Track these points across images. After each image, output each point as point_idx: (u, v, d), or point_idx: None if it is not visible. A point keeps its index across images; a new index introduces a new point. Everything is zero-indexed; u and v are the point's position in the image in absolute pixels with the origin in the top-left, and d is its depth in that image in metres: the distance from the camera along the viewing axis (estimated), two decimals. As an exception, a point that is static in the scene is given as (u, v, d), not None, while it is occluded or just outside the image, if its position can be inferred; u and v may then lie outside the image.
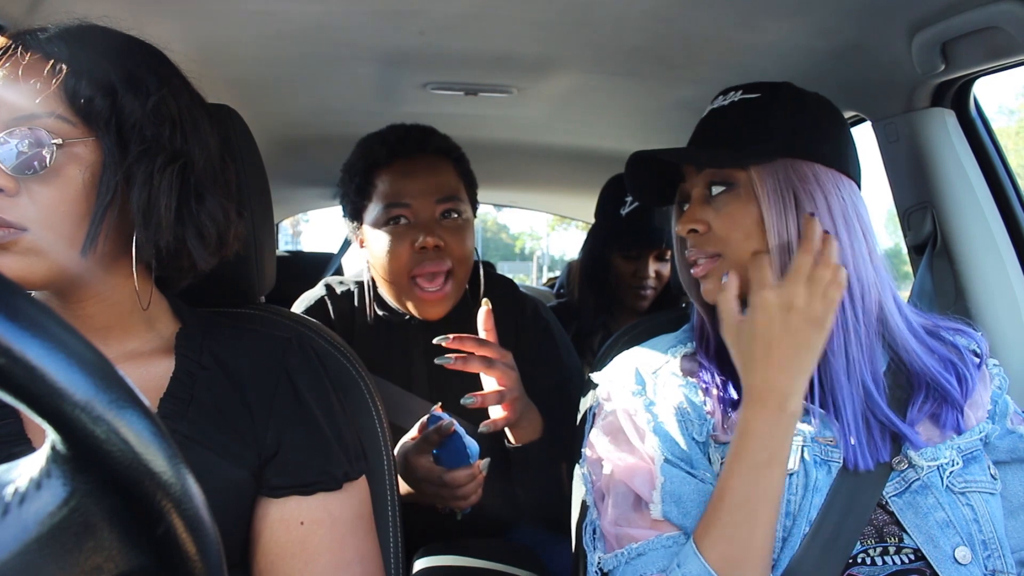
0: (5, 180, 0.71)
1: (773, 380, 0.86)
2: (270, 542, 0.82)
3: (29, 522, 0.34)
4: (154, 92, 0.79)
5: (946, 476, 0.89)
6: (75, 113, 0.75)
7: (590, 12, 1.24)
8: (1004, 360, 1.12)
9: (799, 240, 0.90)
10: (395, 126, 1.49)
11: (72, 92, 0.75)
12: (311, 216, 26.13)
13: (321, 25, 1.31)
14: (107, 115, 0.75)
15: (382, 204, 1.42)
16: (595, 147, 2.27)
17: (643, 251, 1.94)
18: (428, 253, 1.38)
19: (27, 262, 0.73)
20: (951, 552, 0.86)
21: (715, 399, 0.94)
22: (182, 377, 0.83)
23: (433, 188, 1.42)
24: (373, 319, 1.48)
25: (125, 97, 0.77)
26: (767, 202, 0.92)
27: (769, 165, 0.93)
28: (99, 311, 0.82)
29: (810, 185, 0.92)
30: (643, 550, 0.86)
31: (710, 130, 1.01)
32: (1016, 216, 1.36)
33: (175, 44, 0.85)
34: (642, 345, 1.05)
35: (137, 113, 0.77)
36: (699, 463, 0.90)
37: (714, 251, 0.95)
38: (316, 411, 0.87)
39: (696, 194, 0.98)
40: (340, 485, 0.85)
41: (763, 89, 0.98)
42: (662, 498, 0.87)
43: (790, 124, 0.95)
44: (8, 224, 0.71)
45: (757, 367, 0.87)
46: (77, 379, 0.33)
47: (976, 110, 1.38)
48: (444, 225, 1.41)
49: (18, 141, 0.72)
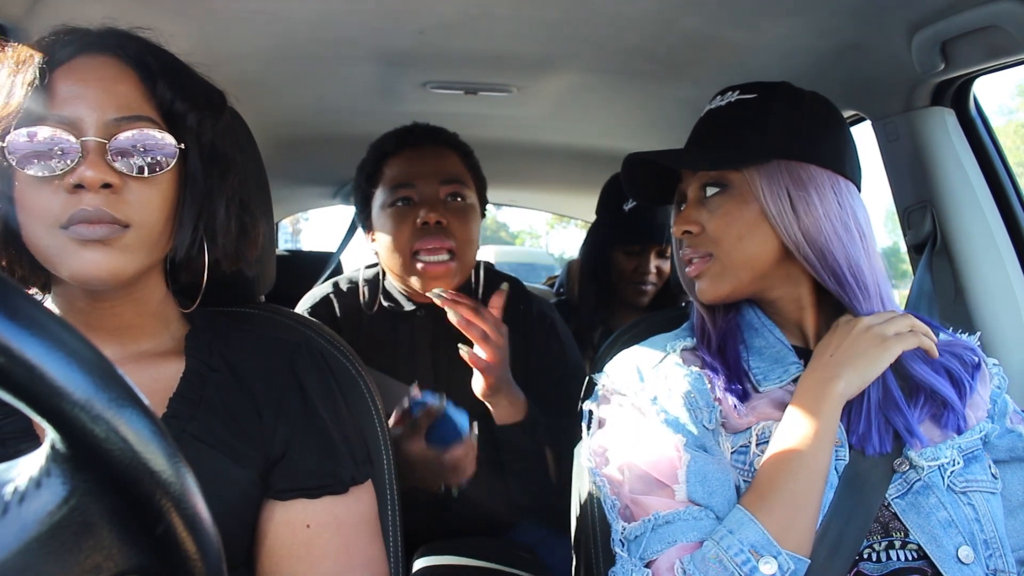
0: (114, 176, 0.73)
1: (835, 366, 0.90)
2: (275, 544, 0.82)
3: (29, 521, 0.34)
4: (222, 112, 0.85)
5: (947, 476, 0.90)
6: (165, 121, 0.79)
7: (590, 12, 1.24)
8: (1003, 359, 1.12)
9: (815, 238, 0.92)
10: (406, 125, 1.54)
11: (169, 104, 0.79)
12: (311, 215, 26.14)
13: (321, 24, 1.31)
14: (195, 129, 0.80)
15: (389, 187, 1.46)
16: (595, 146, 2.27)
17: (645, 246, 1.94)
18: (430, 229, 1.40)
19: (125, 258, 0.75)
20: (954, 552, 0.86)
21: (722, 388, 0.94)
22: (192, 378, 0.84)
23: (438, 171, 1.45)
24: (379, 312, 1.49)
25: (206, 114, 0.82)
26: (767, 204, 0.92)
27: (764, 167, 0.93)
28: (127, 310, 0.83)
29: (804, 187, 0.93)
30: (671, 519, 0.85)
31: (706, 131, 1.01)
32: (1016, 215, 1.36)
33: (175, 43, 0.85)
34: (641, 344, 1.05)
35: (211, 131, 0.83)
36: (712, 448, 0.90)
37: (706, 251, 0.96)
38: (324, 414, 0.87)
39: (692, 195, 0.99)
40: (347, 489, 0.85)
41: (760, 89, 0.98)
42: (687, 477, 0.87)
43: (786, 125, 0.95)
44: (115, 220, 0.73)
45: (826, 352, 0.91)
46: (76, 378, 0.33)
47: (976, 109, 1.38)
48: (449, 206, 1.44)
49: (139, 141, 0.75)
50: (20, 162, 0.72)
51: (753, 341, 0.99)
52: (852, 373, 0.88)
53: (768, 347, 0.98)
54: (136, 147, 0.75)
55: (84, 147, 0.73)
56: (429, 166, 1.45)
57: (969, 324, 1.32)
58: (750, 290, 0.98)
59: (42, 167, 0.72)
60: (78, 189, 0.72)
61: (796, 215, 0.92)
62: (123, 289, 0.80)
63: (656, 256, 1.95)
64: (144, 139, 0.75)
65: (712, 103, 1.02)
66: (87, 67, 0.76)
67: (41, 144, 0.72)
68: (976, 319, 1.32)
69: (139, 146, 0.75)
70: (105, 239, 0.73)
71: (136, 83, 0.78)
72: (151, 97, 0.78)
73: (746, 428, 0.91)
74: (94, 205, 0.72)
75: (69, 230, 0.72)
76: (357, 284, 1.54)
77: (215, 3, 1.21)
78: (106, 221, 0.73)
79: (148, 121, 0.76)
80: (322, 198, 3.11)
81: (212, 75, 0.87)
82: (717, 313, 1.01)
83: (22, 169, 0.72)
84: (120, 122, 0.75)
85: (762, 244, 0.94)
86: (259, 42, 1.38)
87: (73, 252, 0.73)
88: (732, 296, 0.98)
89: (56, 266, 0.75)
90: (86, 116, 0.74)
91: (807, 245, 0.92)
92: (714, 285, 0.97)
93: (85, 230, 0.72)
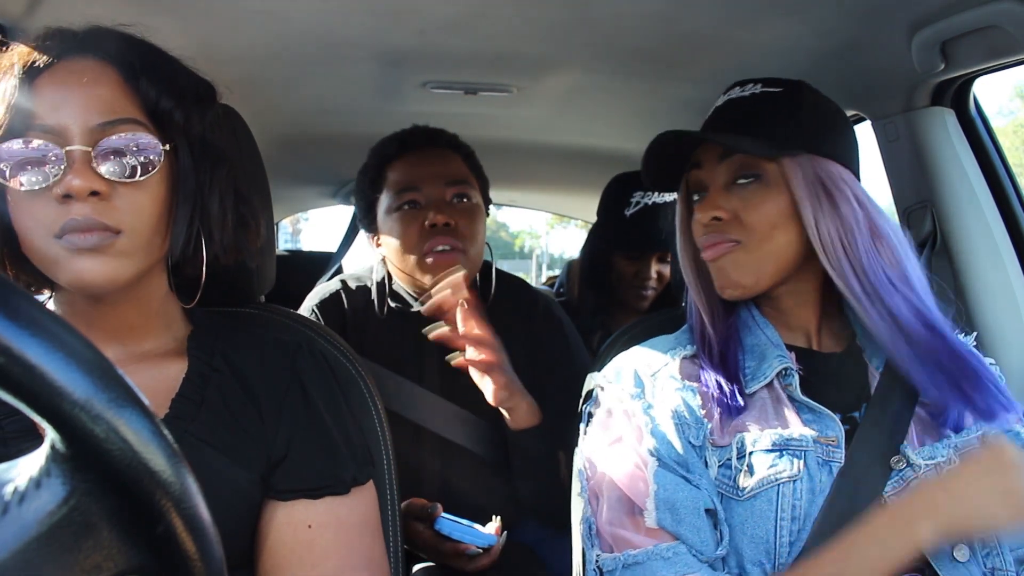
0: (101, 184, 0.73)
1: (938, 507, 0.81)
2: (277, 544, 0.82)
3: (28, 521, 0.34)
4: (211, 105, 0.84)
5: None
6: (151, 121, 0.78)
7: (590, 11, 1.24)
8: (1003, 359, 1.12)
9: (841, 235, 0.90)
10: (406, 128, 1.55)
11: (154, 103, 0.78)
12: (311, 215, 26.15)
13: (321, 24, 1.31)
14: (183, 125, 0.79)
15: (394, 191, 1.47)
16: (595, 146, 2.27)
17: (646, 252, 1.94)
18: (439, 230, 1.41)
19: (120, 264, 0.75)
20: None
21: (713, 402, 0.93)
22: (194, 378, 0.84)
23: (443, 173, 1.46)
24: (387, 313, 1.50)
25: (193, 109, 0.81)
26: (801, 195, 0.92)
27: (795, 159, 0.93)
28: (129, 311, 0.83)
29: (834, 183, 0.92)
30: (640, 559, 0.86)
31: (732, 118, 0.98)
32: (1016, 215, 1.36)
33: (175, 43, 0.85)
34: (642, 345, 1.04)
35: (200, 124, 0.81)
36: (695, 467, 0.90)
37: (735, 238, 0.94)
38: (325, 415, 0.87)
39: (718, 182, 0.97)
40: (348, 490, 0.85)
41: (784, 84, 0.98)
42: (656, 505, 0.87)
43: (815, 120, 0.95)
44: (106, 227, 0.73)
45: (947, 480, 0.83)
46: (76, 378, 0.33)
47: (976, 109, 1.38)
48: (455, 206, 1.45)
49: (122, 145, 0.74)
50: (11, 174, 0.72)
51: (746, 339, 0.99)
52: (950, 527, 0.80)
53: (758, 344, 0.98)
54: (122, 152, 0.74)
55: (70, 156, 0.72)
56: (433, 168, 1.46)
57: (969, 324, 1.32)
58: (768, 285, 0.96)
59: (32, 179, 0.72)
60: (67, 199, 0.72)
61: (822, 210, 0.92)
62: (124, 291, 0.80)
63: (657, 261, 1.94)
64: (129, 143, 0.74)
65: (730, 93, 1.00)
66: (69, 72, 0.75)
67: (29, 155, 0.72)
68: (976, 319, 1.32)
69: (125, 150, 0.74)
70: (98, 247, 0.73)
71: (119, 83, 0.77)
72: (135, 96, 0.77)
73: (729, 443, 0.91)
74: (83, 214, 0.72)
75: (63, 240, 0.72)
76: (365, 283, 1.54)
77: (215, 3, 1.21)
78: (97, 229, 0.72)
79: (133, 123, 0.76)
80: (322, 198, 3.11)
81: (213, 75, 0.87)
82: (717, 316, 1.01)
83: (13, 180, 0.72)
84: (104, 127, 0.74)
85: (789, 237, 0.94)
86: (259, 42, 1.38)
87: (68, 261, 0.73)
88: (753, 289, 0.96)
89: (54, 275, 0.75)
90: (70, 124, 0.73)
91: (831, 241, 0.92)
92: (738, 270, 0.95)
93: (77, 239, 0.72)
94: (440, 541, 1.28)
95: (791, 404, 0.93)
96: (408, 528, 1.28)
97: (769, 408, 0.93)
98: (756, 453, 0.89)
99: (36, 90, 0.74)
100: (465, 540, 1.27)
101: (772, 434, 0.90)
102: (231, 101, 1.04)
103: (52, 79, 0.75)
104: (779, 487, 0.87)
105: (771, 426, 0.91)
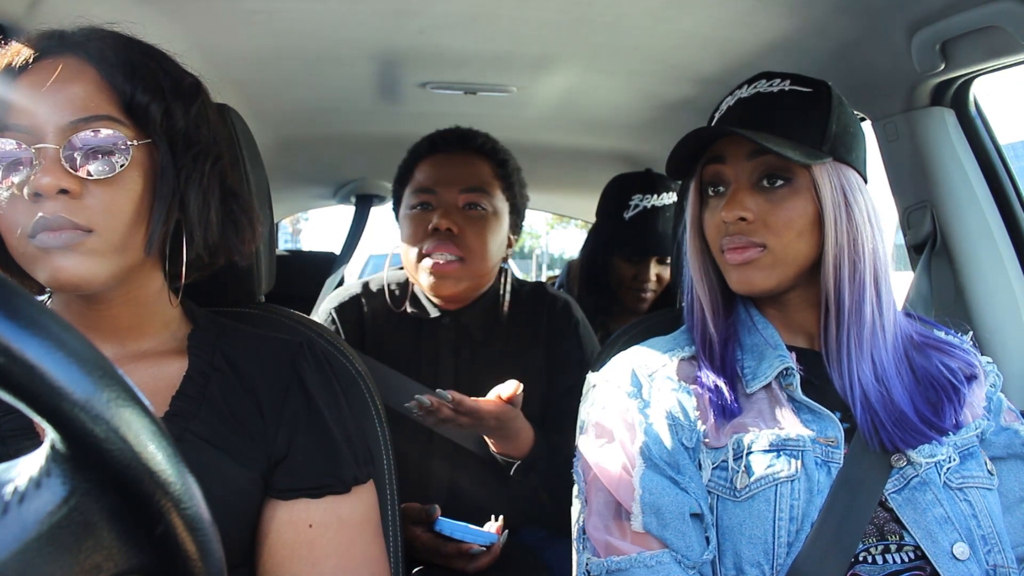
0: (71, 182, 0.72)
1: None
2: (277, 543, 0.82)
3: (28, 521, 0.34)
4: (194, 99, 0.82)
5: (943, 473, 0.90)
6: (128, 117, 0.76)
7: (590, 11, 1.24)
8: (1003, 359, 1.12)
9: (850, 250, 0.91)
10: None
11: (129, 98, 0.76)
12: (311, 215, 26.10)
13: (321, 24, 1.31)
14: (160, 120, 0.77)
15: (413, 191, 1.48)
16: (595, 147, 2.27)
17: (645, 255, 1.93)
18: (441, 234, 1.40)
19: (92, 263, 0.74)
20: (949, 548, 0.86)
21: (707, 404, 0.93)
22: (195, 377, 0.83)
23: (461, 178, 1.45)
24: (405, 316, 1.50)
25: (174, 103, 0.79)
26: (828, 205, 0.91)
27: (824, 166, 0.92)
28: (124, 312, 0.82)
29: (853, 192, 0.92)
30: (624, 566, 0.86)
31: (763, 115, 0.96)
32: (1016, 215, 1.36)
33: (175, 43, 0.85)
34: (641, 345, 1.04)
35: (183, 119, 0.80)
36: (685, 468, 0.90)
37: (761, 242, 0.93)
38: (326, 414, 0.87)
39: (743, 180, 0.95)
40: (349, 489, 0.85)
41: (812, 84, 0.96)
42: (642, 509, 0.87)
43: (841, 126, 0.94)
44: (76, 226, 0.72)
45: None
46: (76, 378, 0.33)
47: (976, 109, 1.38)
48: (465, 214, 1.44)
49: (90, 142, 0.73)
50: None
51: (744, 338, 0.99)
52: None
53: (756, 344, 0.98)
54: (92, 149, 0.73)
55: (40, 154, 0.72)
56: (452, 173, 1.46)
57: (969, 324, 1.32)
58: (787, 286, 0.96)
59: (7, 179, 0.72)
60: (38, 198, 0.71)
61: (840, 221, 0.91)
62: (114, 290, 0.79)
63: (656, 263, 1.93)
64: (99, 140, 0.73)
65: (756, 86, 0.98)
66: (45, 71, 0.74)
67: (2, 155, 0.72)
68: (976, 319, 1.32)
69: (95, 147, 0.73)
70: (68, 245, 0.72)
71: (95, 81, 0.75)
72: (112, 93, 0.76)
73: (724, 444, 0.91)
74: (53, 212, 0.71)
75: (36, 239, 0.72)
76: (384, 286, 1.54)
77: (215, 3, 1.21)
78: (67, 228, 0.72)
79: (107, 119, 0.74)
80: (322, 198, 3.11)
81: (213, 75, 0.86)
82: (719, 313, 1.01)
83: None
84: (77, 124, 0.73)
85: (810, 244, 0.93)
86: (259, 42, 1.38)
87: (42, 260, 0.73)
88: (774, 291, 0.96)
89: (34, 274, 0.75)
90: (43, 122, 0.73)
91: (846, 251, 0.91)
92: (763, 275, 0.94)
93: (48, 238, 0.71)
94: (441, 543, 1.28)
95: (790, 404, 0.93)
96: (406, 534, 1.28)
97: (767, 409, 0.93)
98: (754, 453, 0.89)
99: (13, 90, 0.73)
100: (467, 539, 1.27)
101: (770, 434, 0.90)
102: (231, 101, 1.04)
103: (28, 79, 0.74)
104: (777, 487, 0.87)
105: (769, 426, 0.91)
